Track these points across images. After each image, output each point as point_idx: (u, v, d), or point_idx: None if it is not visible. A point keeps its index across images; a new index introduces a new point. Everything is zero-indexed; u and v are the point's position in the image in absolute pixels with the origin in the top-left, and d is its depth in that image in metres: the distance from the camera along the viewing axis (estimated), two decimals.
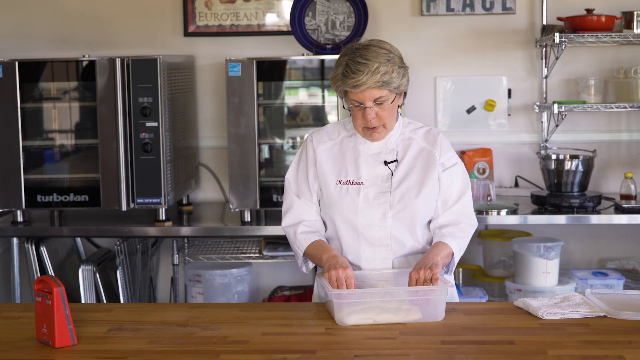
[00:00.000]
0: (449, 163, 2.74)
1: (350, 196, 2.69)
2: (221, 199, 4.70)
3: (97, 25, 4.65)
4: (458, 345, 2.23)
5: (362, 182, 2.70)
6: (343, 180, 2.71)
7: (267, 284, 4.71)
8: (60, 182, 4.13)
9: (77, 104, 4.14)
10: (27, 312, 2.56)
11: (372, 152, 2.73)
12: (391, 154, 2.72)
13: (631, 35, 4.24)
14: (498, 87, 4.60)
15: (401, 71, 2.62)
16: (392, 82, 2.58)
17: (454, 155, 2.76)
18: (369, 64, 2.55)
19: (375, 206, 2.68)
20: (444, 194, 2.72)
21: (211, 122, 4.67)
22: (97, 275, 4.21)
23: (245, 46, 4.61)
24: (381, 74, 2.55)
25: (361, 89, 2.56)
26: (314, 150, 2.76)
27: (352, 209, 2.69)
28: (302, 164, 2.79)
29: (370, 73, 2.54)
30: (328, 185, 2.73)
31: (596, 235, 4.64)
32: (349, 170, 2.72)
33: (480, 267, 4.54)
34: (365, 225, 2.69)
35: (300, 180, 2.78)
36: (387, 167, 2.70)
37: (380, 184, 2.70)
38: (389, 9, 4.58)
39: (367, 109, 2.60)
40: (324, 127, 2.82)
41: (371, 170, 2.71)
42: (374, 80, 2.55)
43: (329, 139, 2.77)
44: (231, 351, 2.20)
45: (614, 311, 2.44)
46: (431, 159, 2.72)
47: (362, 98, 2.59)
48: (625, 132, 4.61)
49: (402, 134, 2.75)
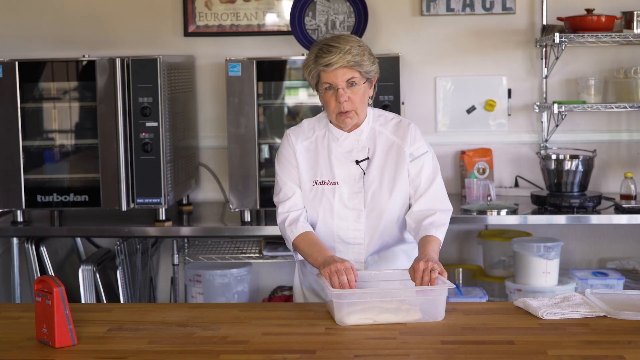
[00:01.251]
0: (417, 152, 2.77)
1: (326, 197, 2.75)
2: (221, 199, 4.70)
3: (97, 25, 4.65)
4: (458, 345, 2.23)
5: (336, 181, 2.75)
6: (319, 180, 2.77)
7: (267, 284, 4.71)
8: (60, 182, 4.13)
9: (77, 104, 4.14)
10: (27, 312, 2.56)
11: (344, 150, 2.77)
12: (362, 151, 2.76)
13: (631, 35, 4.24)
14: (498, 87, 4.60)
15: (371, 58, 2.71)
16: (363, 64, 2.66)
17: (423, 145, 2.79)
18: (341, 47, 2.64)
19: (349, 207, 2.75)
20: (414, 183, 2.76)
21: (211, 122, 4.67)
22: (97, 275, 4.21)
23: (245, 46, 4.61)
24: (352, 55, 2.64)
25: (334, 67, 2.63)
26: (293, 148, 2.79)
27: (327, 210, 2.75)
28: (283, 159, 2.81)
29: (342, 53, 2.63)
30: (304, 187, 2.78)
31: (596, 235, 4.64)
32: (323, 170, 2.77)
33: (480, 267, 4.54)
34: (341, 226, 2.75)
35: (285, 166, 2.80)
36: (358, 166, 2.74)
37: (353, 183, 2.75)
38: (389, 9, 4.58)
39: (339, 90, 2.65)
40: (300, 125, 2.86)
41: (344, 169, 2.76)
42: (345, 60, 2.63)
43: (306, 138, 2.82)
44: (231, 351, 2.20)
45: (614, 311, 2.44)
46: (401, 154, 2.75)
47: (334, 78, 2.64)
48: (625, 132, 4.61)
49: (372, 129, 2.78)
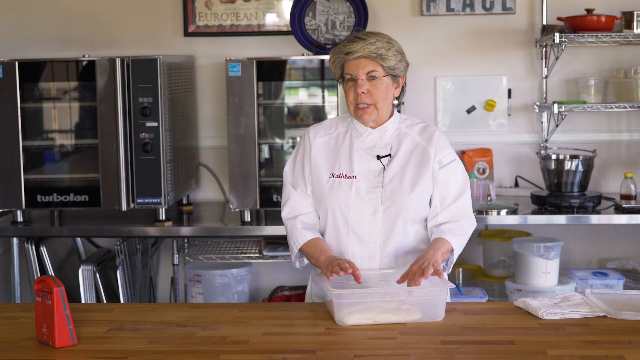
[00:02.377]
0: (446, 160, 2.73)
1: (342, 189, 2.70)
2: (221, 199, 4.70)
3: (97, 25, 4.65)
4: (458, 345, 2.23)
5: (354, 175, 2.71)
6: (336, 174, 2.73)
7: (267, 284, 4.71)
8: (60, 182, 4.13)
9: (77, 104, 4.14)
10: (27, 312, 2.56)
11: (366, 146, 2.73)
12: (385, 148, 2.72)
13: (631, 35, 4.24)
14: (498, 87, 4.60)
15: (399, 56, 2.68)
16: (387, 58, 2.64)
17: (451, 152, 2.75)
18: (367, 39, 2.64)
19: (366, 201, 2.69)
20: (441, 192, 2.71)
21: (211, 122, 4.67)
22: (97, 275, 4.21)
23: (245, 46, 4.61)
24: (376, 47, 2.63)
25: (355, 55, 2.62)
26: (310, 144, 2.78)
27: (343, 202, 2.70)
28: (299, 157, 2.81)
29: (366, 43, 2.63)
30: (320, 179, 2.74)
31: (596, 235, 4.64)
32: (342, 164, 2.73)
33: (480, 267, 4.54)
34: (355, 220, 2.69)
35: (297, 173, 2.80)
36: (379, 161, 2.71)
37: (372, 178, 2.70)
38: (389, 9, 4.58)
39: (358, 81, 2.64)
40: (322, 122, 2.85)
41: (364, 164, 2.72)
42: (367, 50, 2.62)
43: (326, 133, 2.79)
44: (231, 351, 2.20)
45: (614, 311, 2.44)
46: (425, 155, 2.71)
47: (355, 68, 2.64)
48: (625, 132, 4.61)
49: (397, 129, 2.76)
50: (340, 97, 4.12)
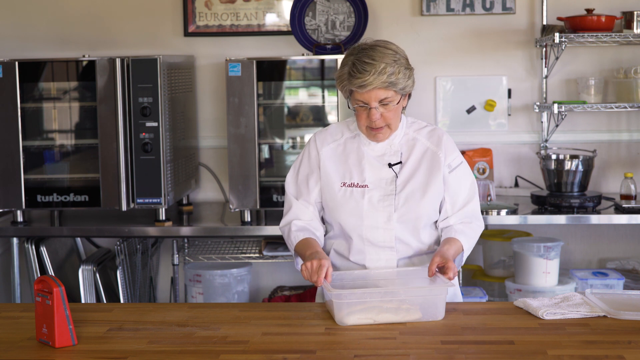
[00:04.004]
0: (455, 163, 2.73)
1: (354, 199, 2.69)
2: (221, 199, 4.70)
3: (97, 25, 4.65)
4: (458, 345, 2.23)
5: (366, 184, 2.69)
6: (347, 182, 2.70)
7: (267, 284, 4.71)
8: (60, 182, 4.13)
9: (77, 104, 4.14)
10: (27, 312, 2.56)
11: (376, 154, 2.71)
12: (395, 155, 2.71)
13: (631, 35, 4.24)
14: (498, 87, 4.60)
15: (407, 72, 2.62)
16: (398, 83, 2.58)
17: (458, 155, 2.76)
18: (376, 64, 2.55)
19: (379, 209, 2.68)
20: (452, 196, 2.72)
21: (211, 122, 4.67)
22: (97, 275, 4.21)
23: (245, 46, 4.61)
24: (387, 75, 2.55)
25: (367, 89, 2.56)
26: (317, 152, 2.75)
27: (356, 211, 2.68)
28: (303, 165, 2.77)
29: (376, 73, 2.54)
30: (332, 188, 2.72)
31: (596, 235, 4.64)
32: (353, 172, 2.71)
33: (480, 267, 4.55)
34: (369, 228, 2.68)
35: (300, 182, 2.77)
36: (391, 169, 2.70)
37: (385, 186, 2.69)
38: (389, 9, 4.58)
39: (372, 110, 2.59)
40: (327, 128, 2.80)
41: (375, 172, 2.70)
42: (380, 81, 2.55)
43: (333, 140, 2.76)
44: (231, 351, 2.20)
45: (614, 311, 2.44)
46: (436, 159, 2.71)
47: (368, 98, 2.58)
48: (625, 132, 4.61)
49: (406, 134, 2.74)
50: (340, 97, 4.12)
